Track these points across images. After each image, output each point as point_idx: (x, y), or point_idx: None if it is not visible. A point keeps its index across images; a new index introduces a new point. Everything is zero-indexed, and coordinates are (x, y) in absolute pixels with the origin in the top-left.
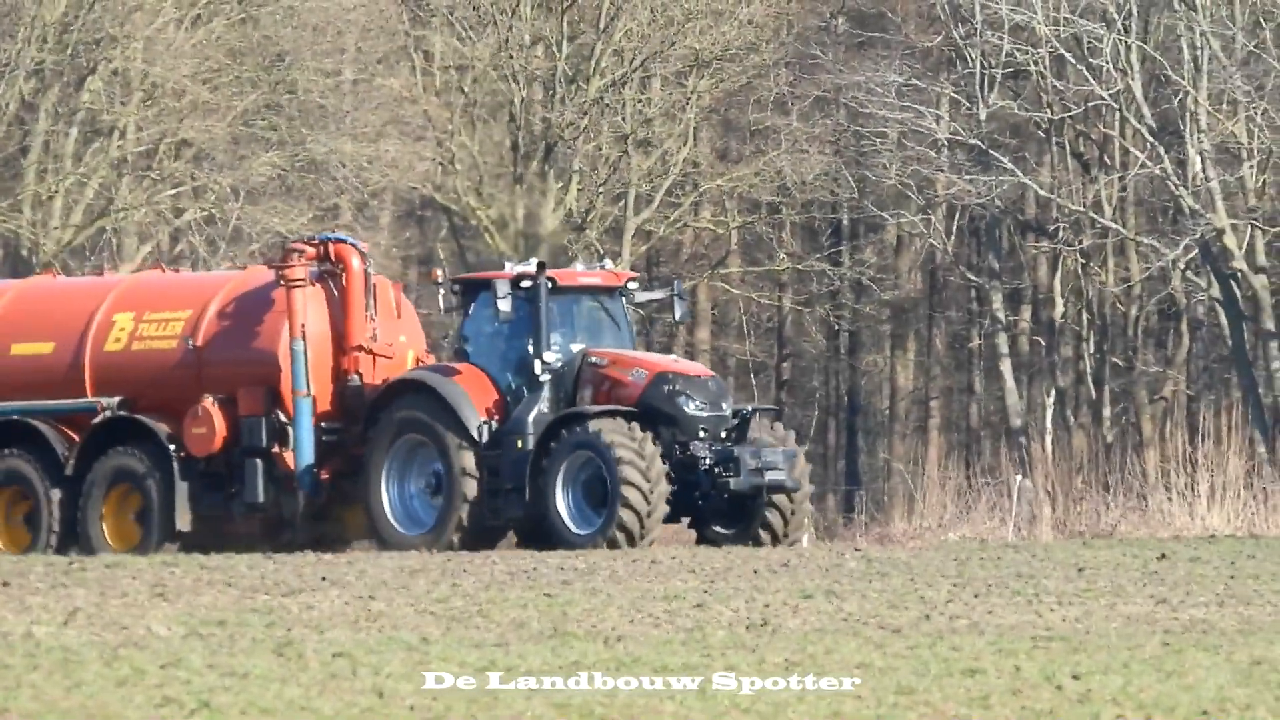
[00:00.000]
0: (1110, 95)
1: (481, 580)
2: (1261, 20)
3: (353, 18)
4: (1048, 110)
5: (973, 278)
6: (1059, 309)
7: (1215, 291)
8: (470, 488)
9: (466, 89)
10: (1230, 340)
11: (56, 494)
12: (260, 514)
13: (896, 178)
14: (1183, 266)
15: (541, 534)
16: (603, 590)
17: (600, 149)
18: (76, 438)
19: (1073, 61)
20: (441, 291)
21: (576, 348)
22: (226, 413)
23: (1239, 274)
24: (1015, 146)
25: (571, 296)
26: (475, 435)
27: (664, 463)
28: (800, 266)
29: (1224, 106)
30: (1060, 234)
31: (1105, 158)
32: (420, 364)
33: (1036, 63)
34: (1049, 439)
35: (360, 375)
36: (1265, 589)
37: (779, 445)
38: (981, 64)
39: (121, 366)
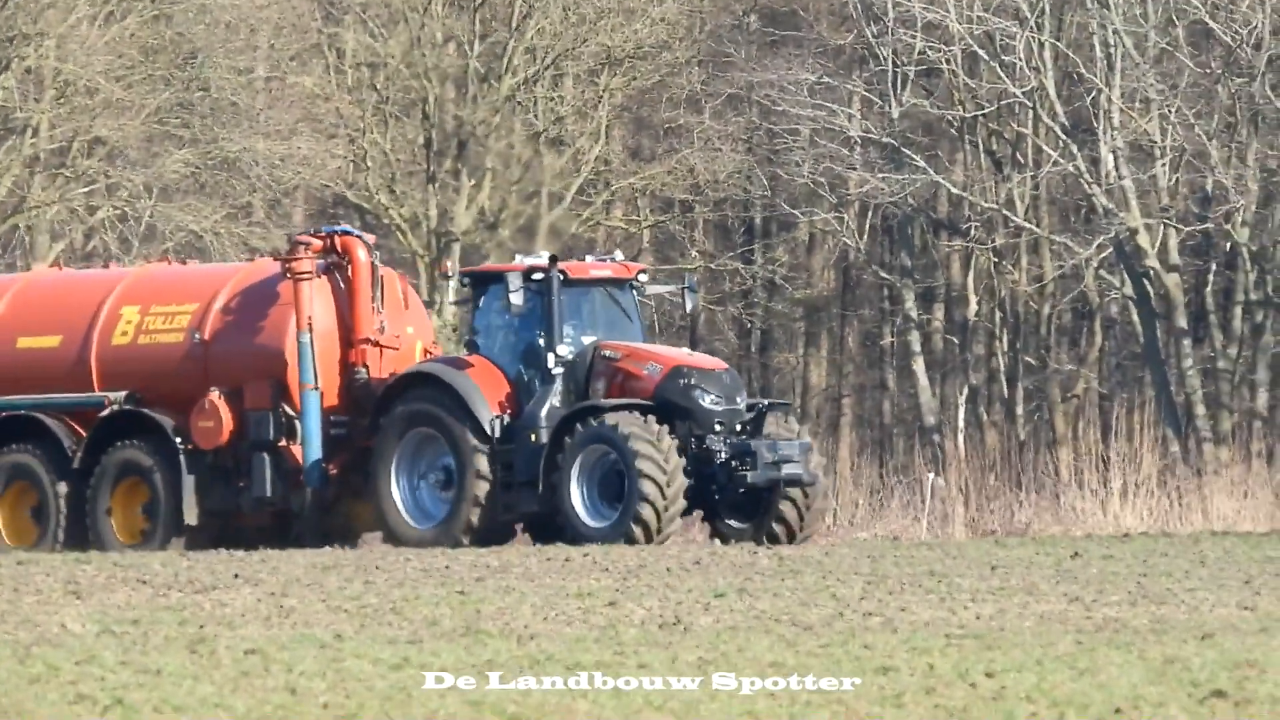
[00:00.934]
0: (1023, 93)
1: (395, 578)
2: (1174, 18)
3: (265, 15)
4: (960, 108)
5: (885, 276)
6: (972, 307)
7: (1128, 290)
8: (482, 482)
9: (379, 87)
10: (1143, 338)
11: (63, 488)
12: (268, 508)
13: (809, 176)
14: (1096, 265)
15: (555, 529)
16: (516, 588)
17: (513, 147)
18: (83, 432)
19: (986, 59)
20: (451, 284)
21: (588, 340)
22: (233, 406)
23: (1152, 272)
24: (928, 145)
25: (582, 289)
26: (487, 429)
27: (680, 457)
28: (713, 265)
29: (1137, 104)
30: (973, 232)
31: (1018, 156)
32: (428, 356)
33: (949, 61)
34: (962, 437)
35: (368, 368)
36: (1178, 587)
37: (794, 439)
38: (894, 62)
39: (128, 360)
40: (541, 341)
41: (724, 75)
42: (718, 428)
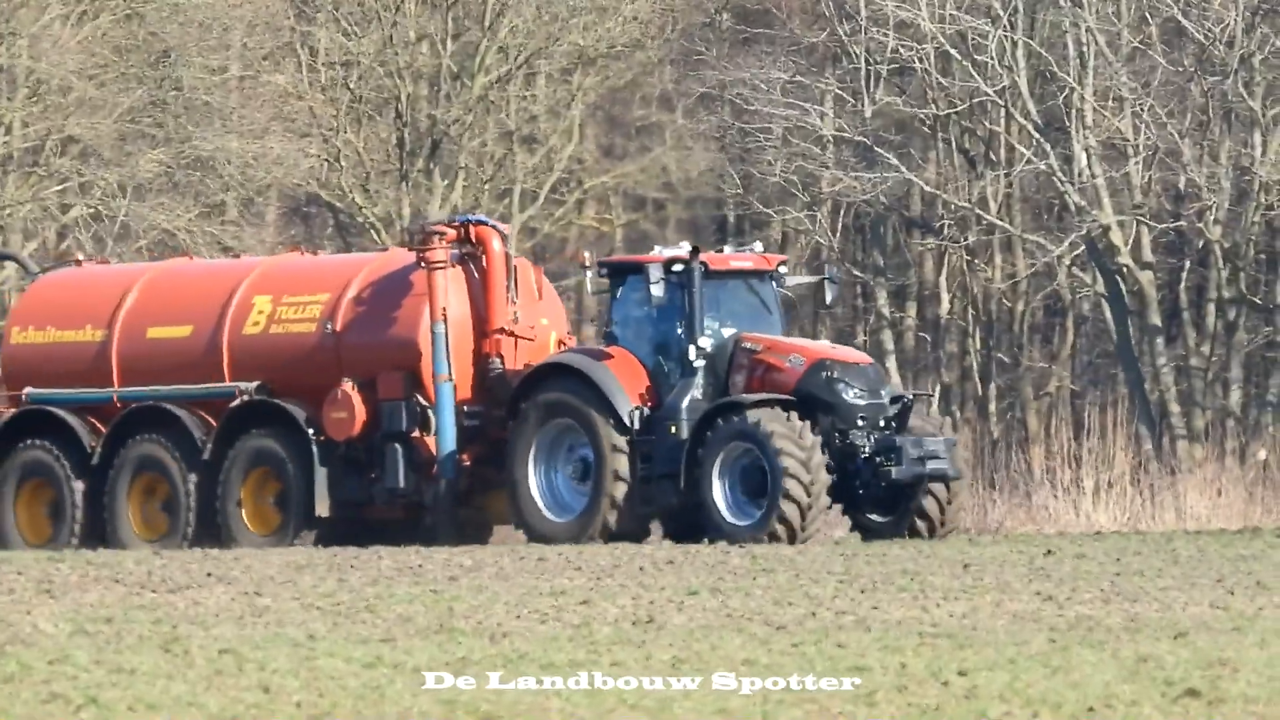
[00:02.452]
0: (996, 92)
1: (368, 575)
2: (1147, 16)
3: (238, 14)
4: (933, 107)
5: (858, 274)
6: (944, 305)
7: (1101, 287)
8: (621, 473)
9: (352, 86)
10: (1116, 336)
11: (193, 479)
12: (400, 500)
13: (781, 174)
14: (1068, 263)
15: (695, 524)
16: (489, 587)
17: (485, 146)
18: (213, 422)
19: (958, 58)
20: (589, 274)
21: (728, 332)
22: (366, 397)
23: (1125, 270)
24: (900, 143)
25: (723, 280)
26: (626, 421)
27: (823, 452)
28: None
29: (1110, 103)
30: (946, 230)
31: (991, 154)
32: (562, 346)
33: (922, 59)
34: None
35: (502, 358)
36: (1150, 586)
37: (939, 433)
38: (866, 60)
39: (260, 350)
40: (681, 333)
41: (696, 74)
42: (861, 422)
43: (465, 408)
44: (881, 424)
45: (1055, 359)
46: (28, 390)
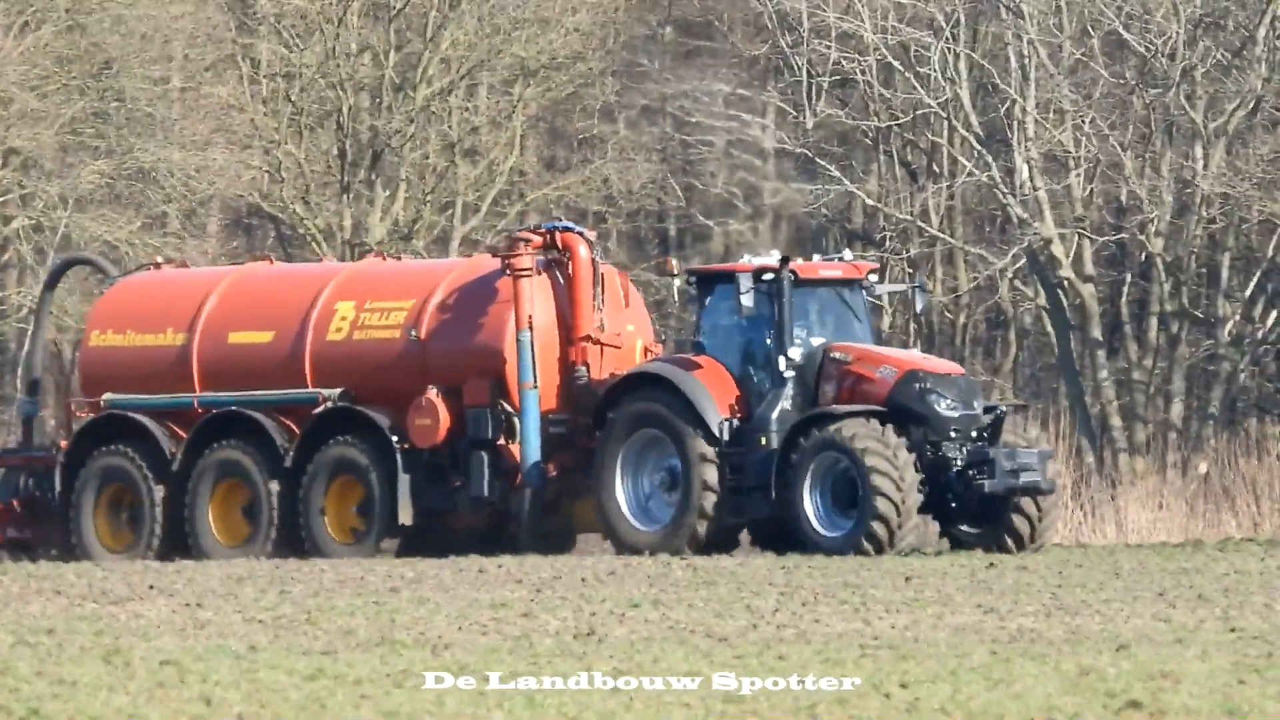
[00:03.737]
0: (938, 104)
1: (309, 588)
2: (1089, 29)
3: (180, 25)
4: (875, 119)
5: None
6: (886, 318)
7: (1043, 300)
8: (711, 484)
9: (294, 97)
10: (1058, 349)
11: (275, 486)
12: (485, 508)
13: (723, 186)
14: (1010, 275)
15: (783, 535)
16: (430, 599)
17: (427, 157)
18: (296, 429)
19: (900, 70)
20: (676, 283)
21: (817, 342)
22: (450, 404)
23: (1066, 283)
24: (842, 155)
25: (812, 289)
26: (715, 431)
27: (915, 464)
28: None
29: (1052, 115)
30: (887, 243)
31: (933, 166)
32: (649, 354)
33: (864, 71)
34: None
35: (588, 366)
36: (1093, 599)
37: (1032, 446)
38: (808, 73)
39: (343, 356)
40: (771, 343)
41: (638, 86)
42: (953, 434)
43: (551, 415)
44: (974, 435)
45: (997, 372)
46: (107, 395)
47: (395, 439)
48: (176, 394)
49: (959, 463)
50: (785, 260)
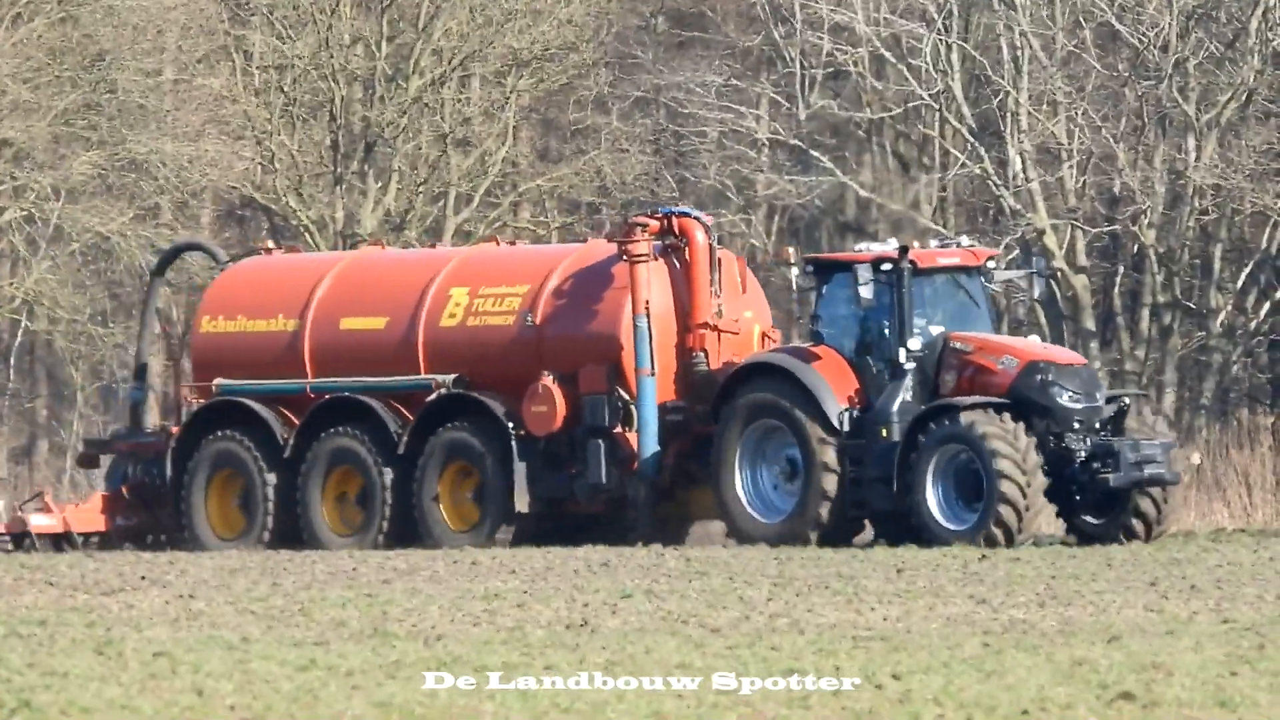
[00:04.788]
0: (930, 95)
1: (302, 580)
2: (1082, 20)
3: (173, 17)
4: (868, 110)
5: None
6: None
7: (1035, 292)
8: (831, 477)
9: (286, 88)
10: (1050, 340)
11: (389, 473)
12: (602, 495)
13: (716, 178)
14: (1003, 267)
15: (906, 527)
16: (423, 590)
17: (420, 148)
18: (408, 415)
19: (893, 61)
20: (794, 271)
21: (936, 331)
22: (566, 391)
23: (1059, 274)
24: (835, 146)
25: (930, 277)
26: (835, 422)
27: (1038, 456)
28: None
29: (1044, 107)
30: (880, 234)
31: (925, 158)
32: (766, 340)
33: (856, 63)
34: None
35: (705, 353)
36: (1085, 589)
37: (1155, 437)
38: (801, 64)
39: (457, 343)
40: (890, 334)
41: (631, 77)
42: (1076, 425)
43: (668, 403)
44: (1097, 427)
45: None
46: (218, 381)
47: (511, 426)
48: (288, 379)
49: (1082, 455)
50: (904, 249)
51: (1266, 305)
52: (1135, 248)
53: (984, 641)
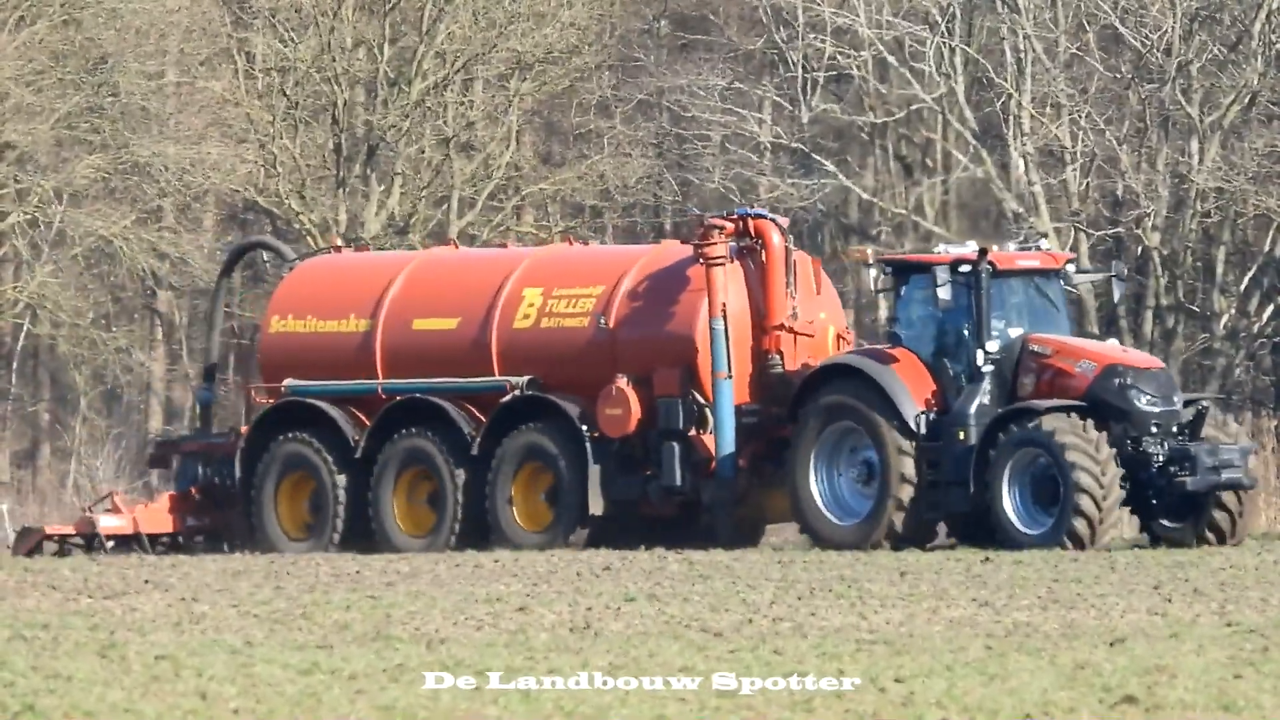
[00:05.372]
0: (933, 99)
1: (305, 582)
2: (1085, 23)
3: (175, 20)
4: (870, 114)
5: None
6: (883, 312)
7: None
8: (908, 479)
9: (289, 91)
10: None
11: (461, 475)
12: (677, 498)
13: (719, 181)
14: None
15: (983, 530)
16: (426, 593)
17: (423, 152)
18: (481, 417)
19: (896, 65)
20: (872, 272)
21: (1015, 333)
22: (641, 393)
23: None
24: (838, 150)
25: (1009, 280)
26: (912, 425)
27: (1116, 460)
28: None
29: (1047, 109)
30: (883, 237)
31: (928, 161)
32: (841, 342)
33: (859, 66)
34: None
35: (781, 355)
36: (1088, 593)
37: (1233, 441)
38: (804, 67)
39: (530, 344)
40: (968, 336)
41: (634, 80)
42: (1154, 429)
43: (743, 405)
44: (1175, 431)
45: None
46: (288, 381)
47: (585, 428)
48: (359, 380)
49: (1159, 459)
50: (984, 251)
51: (1270, 308)
52: (1139, 250)
53: (987, 645)
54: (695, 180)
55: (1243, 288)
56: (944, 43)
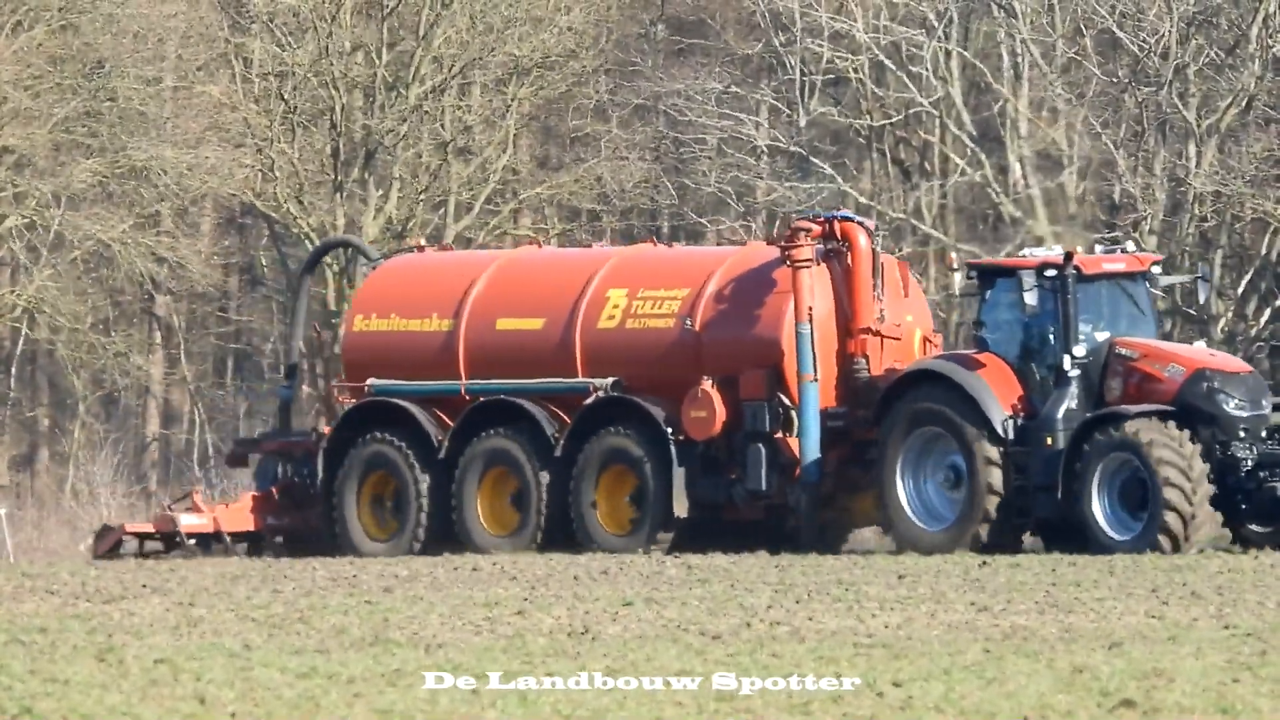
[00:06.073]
0: (931, 102)
1: (302, 586)
2: (1082, 27)
3: (173, 24)
4: (868, 117)
5: None
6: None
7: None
8: (995, 484)
9: (286, 96)
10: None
11: (545, 476)
12: (762, 501)
13: (716, 185)
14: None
15: (1072, 536)
16: (424, 597)
17: (420, 156)
18: (565, 418)
19: (893, 69)
20: (957, 276)
21: (1101, 337)
22: (726, 396)
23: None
24: (835, 153)
25: (1095, 284)
26: (1000, 430)
27: (1204, 464)
28: None
29: (1044, 113)
30: (881, 241)
31: (926, 165)
32: (927, 344)
33: (856, 70)
34: None
35: (868, 359)
36: (1086, 596)
37: None
38: (801, 71)
39: (614, 345)
40: (1055, 341)
41: (631, 84)
42: (1243, 434)
43: (829, 408)
44: (1263, 435)
45: None
46: (370, 381)
47: (670, 430)
48: (442, 380)
49: (1249, 463)
50: (1069, 255)
51: (1267, 312)
52: None
53: (985, 648)
54: (692, 184)
55: (1240, 291)
56: (941, 47)
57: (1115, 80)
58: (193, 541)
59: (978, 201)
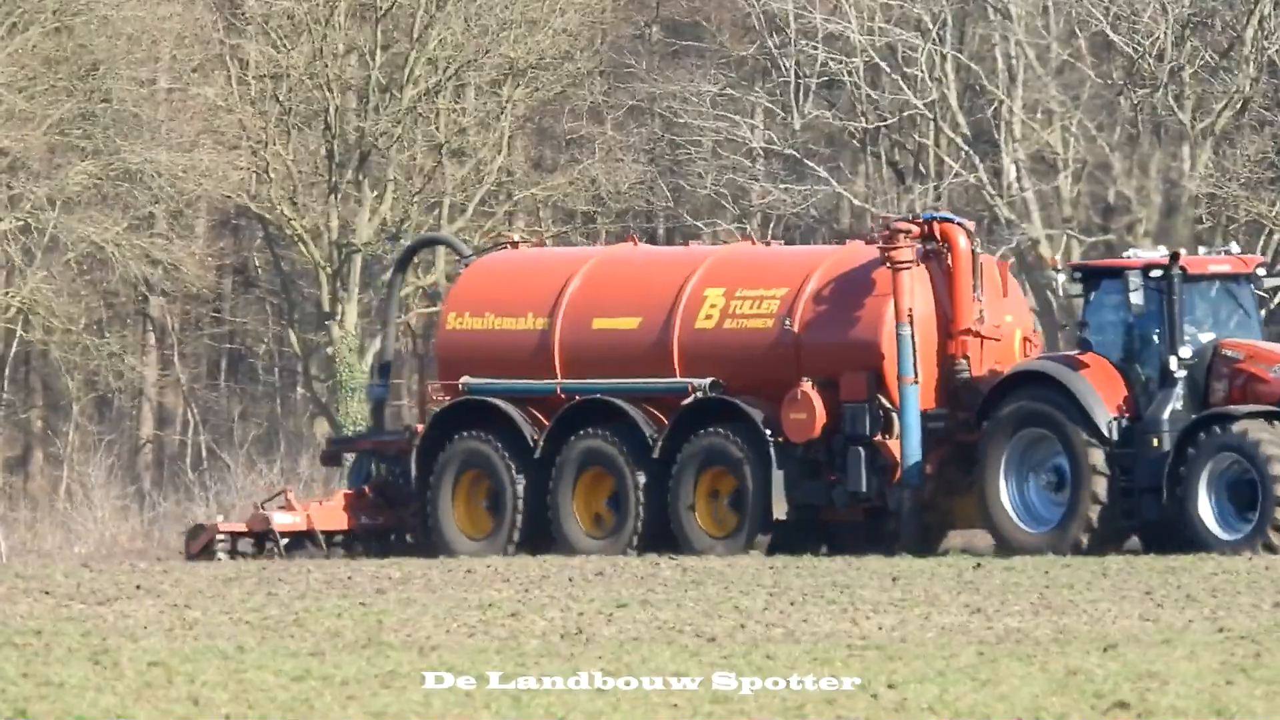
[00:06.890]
0: (925, 105)
1: (297, 589)
2: (1076, 30)
3: (167, 26)
4: (862, 120)
5: None
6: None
7: (1031, 301)
8: (1100, 486)
9: (281, 98)
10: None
11: (642, 477)
12: (862, 504)
13: (711, 187)
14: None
15: (1174, 536)
16: (418, 600)
17: (414, 158)
18: (662, 418)
19: (888, 71)
20: (1060, 278)
21: (1206, 338)
22: (826, 398)
23: (1054, 283)
24: (830, 156)
25: (1200, 285)
26: (1105, 431)
27: None
28: None
29: (1039, 116)
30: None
31: (920, 167)
32: (1028, 344)
33: (851, 72)
34: None
35: (968, 360)
36: (1080, 599)
37: None
38: (796, 73)
39: (712, 346)
40: (1160, 342)
41: (626, 86)
42: None
43: (929, 410)
44: None
45: None
46: (465, 379)
47: (769, 432)
48: (538, 379)
49: None
50: (1175, 255)
51: (1262, 314)
52: None
53: (979, 650)
54: (687, 186)
55: None
56: (936, 49)
57: (1110, 82)
58: (285, 541)
59: (972, 204)
